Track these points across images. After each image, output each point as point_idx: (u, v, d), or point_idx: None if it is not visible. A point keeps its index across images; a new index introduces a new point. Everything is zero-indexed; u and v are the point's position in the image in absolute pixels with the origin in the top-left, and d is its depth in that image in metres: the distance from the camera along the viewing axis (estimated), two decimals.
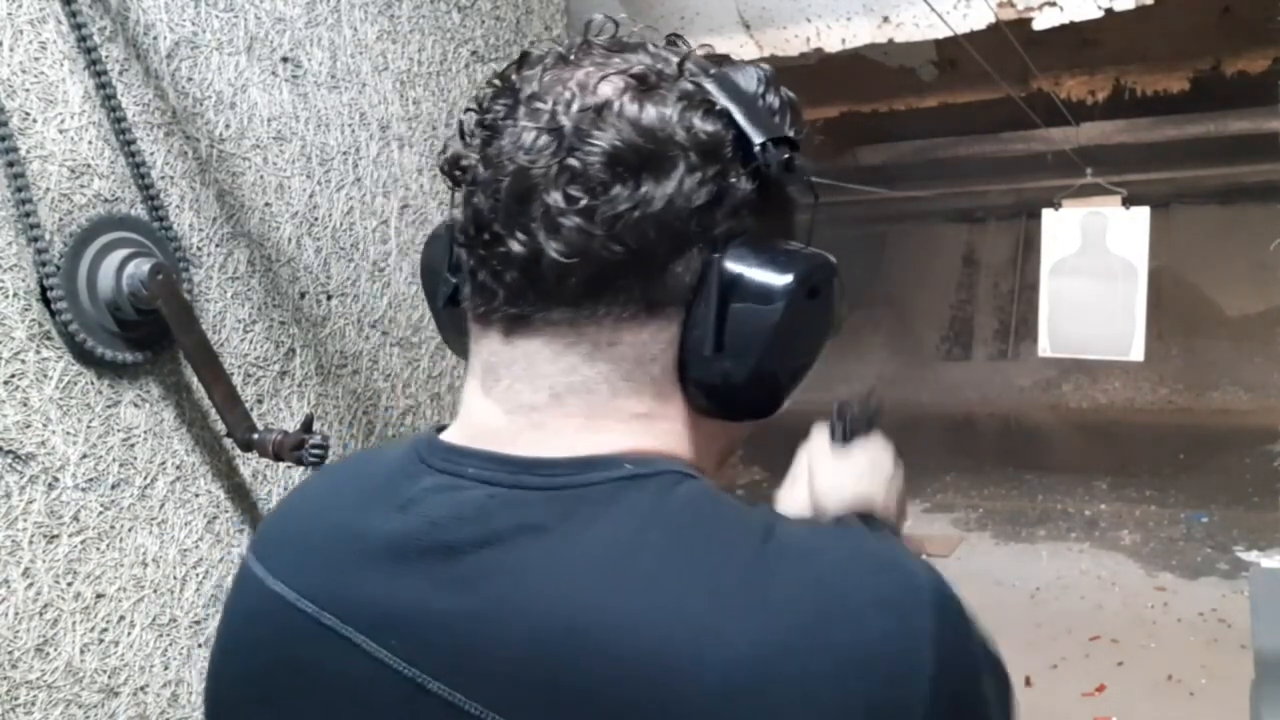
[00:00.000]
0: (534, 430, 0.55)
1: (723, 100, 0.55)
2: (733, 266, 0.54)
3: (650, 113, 0.53)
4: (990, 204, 9.42)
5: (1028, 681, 3.88)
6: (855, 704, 0.45)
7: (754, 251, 0.55)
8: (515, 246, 0.53)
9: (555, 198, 0.52)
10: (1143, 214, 3.43)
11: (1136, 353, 3.44)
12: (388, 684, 0.52)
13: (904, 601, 0.48)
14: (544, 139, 0.52)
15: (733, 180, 0.54)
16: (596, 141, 0.51)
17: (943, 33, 2.94)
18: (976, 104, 5.10)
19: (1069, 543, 5.68)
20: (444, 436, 0.60)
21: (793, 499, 0.77)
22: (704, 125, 0.54)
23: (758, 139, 0.54)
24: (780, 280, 0.54)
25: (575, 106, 0.52)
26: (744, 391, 0.56)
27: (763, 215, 0.56)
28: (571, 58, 0.56)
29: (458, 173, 0.57)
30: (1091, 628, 4.40)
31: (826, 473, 0.78)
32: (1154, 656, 4.11)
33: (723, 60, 0.60)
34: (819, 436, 0.85)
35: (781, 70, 0.60)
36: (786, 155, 0.55)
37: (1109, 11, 2.89)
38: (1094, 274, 3.50)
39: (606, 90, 0.53)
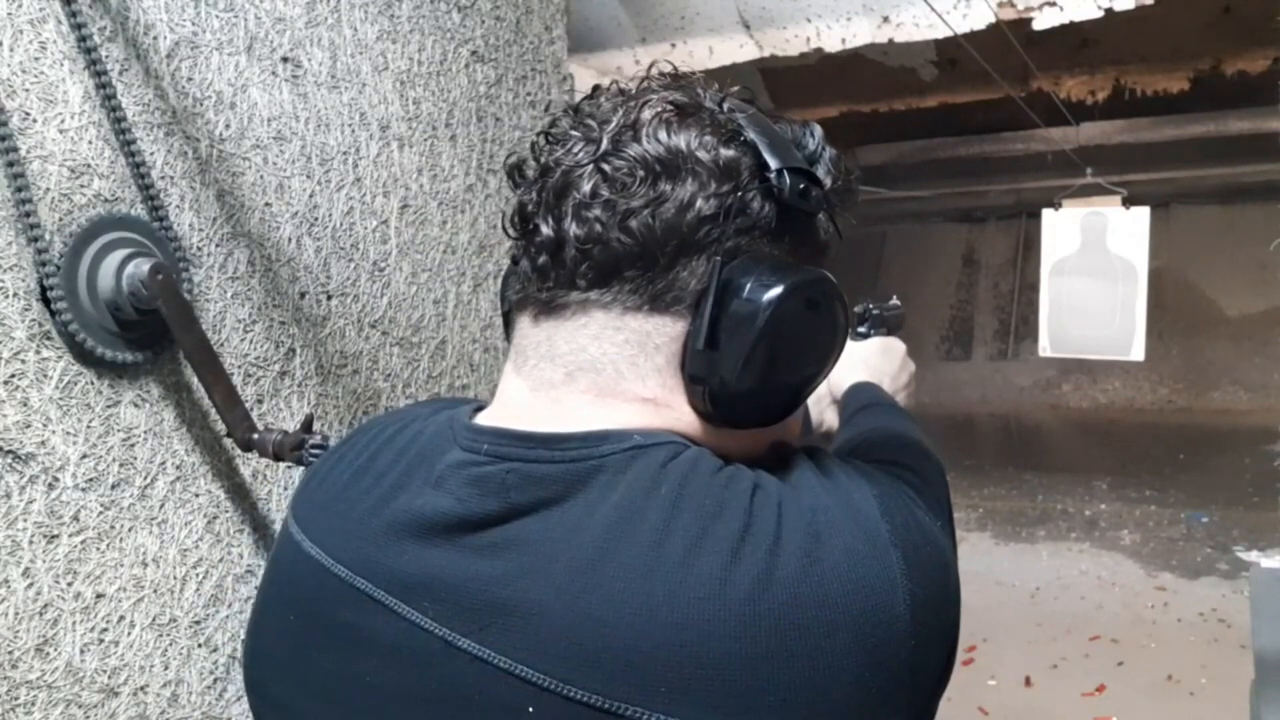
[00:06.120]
0: (553, 405, 0.62)
1: (751, 133, 0.61)
2: (730, 274, 0.60)
3: (679, 135, 0.60)
4: (990, 204, 9.42)
5: (1028, 681, 3.88)
6: (842, 627, 0.52)
7: (754, 264, 0.60)
8: (545, 230, 0.61)
9: (585, 192, 0.60)
10: (1143, 214, 3.43)
11: (1137, 353, 3.44)
12: (419, 642, 0.57)
13: (874, 538, 0.55)
14: (587, 147, 0.61)
15: (747, 199, 0.60)
16: (628, 152, 0.59)
17: (943, 33, 2.94)
18: (976, 104, 5.09)
19: (1069, 543, 5.68)
20: (479, 414, 0.66)
21: None
22: (725, 150, 0.60)
23: (774, 164, 0.60)
24: (767, 289, 0.59)
25: (617, 124, 0.61)
26: (736, 395, 0.60)
27: (780, 242, 0.62)
28: (631, 90, 0.64)
29: (517, 175, 0.66)
30: (1091, 628, 4.40)
31: (843, 354, 0.89)
32: (1154, 656, 4.11)
33: (779, 118, 0.66)
34: None
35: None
36: (803, 185, 0.60)
37: (1109, 11, 2.88)
38: (1094, 274, 3.50)
39: (646, 114, 0.61)
